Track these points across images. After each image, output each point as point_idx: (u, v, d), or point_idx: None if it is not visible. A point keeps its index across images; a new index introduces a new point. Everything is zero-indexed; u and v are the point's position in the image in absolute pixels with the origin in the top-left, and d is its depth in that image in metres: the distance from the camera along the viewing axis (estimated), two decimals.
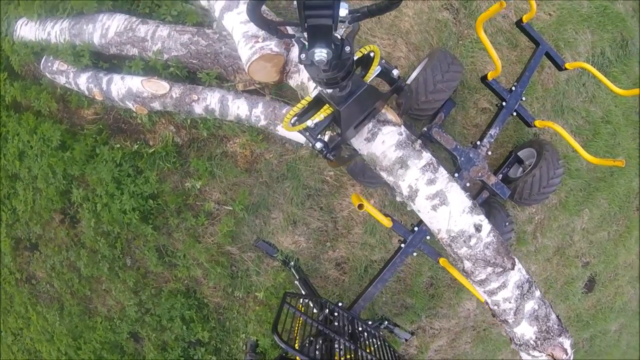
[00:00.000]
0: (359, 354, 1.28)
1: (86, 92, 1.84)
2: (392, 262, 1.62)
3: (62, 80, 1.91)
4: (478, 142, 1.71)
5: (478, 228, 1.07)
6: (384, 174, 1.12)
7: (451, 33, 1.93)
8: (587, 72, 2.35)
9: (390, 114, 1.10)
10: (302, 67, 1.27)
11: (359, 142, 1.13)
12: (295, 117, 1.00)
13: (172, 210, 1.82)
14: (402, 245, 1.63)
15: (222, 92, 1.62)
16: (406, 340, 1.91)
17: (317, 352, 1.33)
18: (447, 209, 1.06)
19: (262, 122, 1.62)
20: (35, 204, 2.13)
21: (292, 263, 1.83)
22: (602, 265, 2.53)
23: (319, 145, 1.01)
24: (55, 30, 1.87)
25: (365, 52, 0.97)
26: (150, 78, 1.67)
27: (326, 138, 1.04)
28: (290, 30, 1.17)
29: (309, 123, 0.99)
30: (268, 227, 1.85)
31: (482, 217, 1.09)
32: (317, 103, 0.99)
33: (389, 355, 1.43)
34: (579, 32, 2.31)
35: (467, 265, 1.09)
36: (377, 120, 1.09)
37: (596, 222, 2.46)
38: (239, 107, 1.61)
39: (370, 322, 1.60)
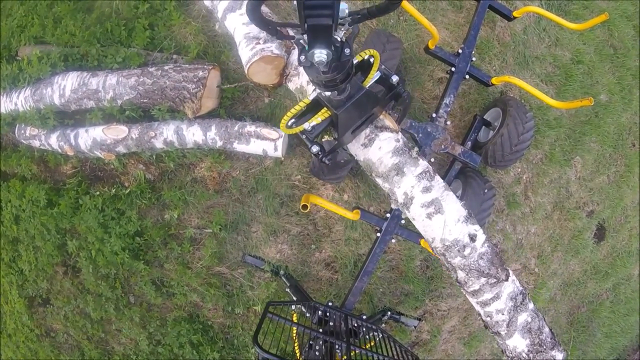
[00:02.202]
0: (355, 351, 1.31)
1: (59, 150, 2.03)
2: (372, 253, 1.70)
3: (37, 143, 2.11)
4: (434, 115, 1.75)
5: (472, 238, 1.09)
6: (379, 181, 1.15)
7: None
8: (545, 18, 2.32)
9: (388, 121, 1.14)
10: (301, 70, 1.32)
11: (355, 148, 1.16)
12: (293, 120, 1.03)
13: (158, 243, 1.98)
14: (379, 234, 1.70)
15: (175, 123, 1.77)
16: (415, 327, 1.97)
17: (317, 354, 1.41)
18: (442, 218, 1.08)
19: (219, 143, 1.75)
20: (38, 262, 2.36)
21: (282, 272, 1.94)
22: (609, 210, 2.50)
23: (314, 148, 1.04)
24: (20, 100, 2.08)
25: (365, 57, 0.99)
26: (110, 125, 1.84)
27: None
28: (290, 32, 1.23)
29: (306, 126, 1.01)
30: (251, 241, 1.98)
31: (477, 227, 1.11)
32: (315, 106, 1.02)
33: (391, 346, 1.45)
34: None
35: (461, 275, 1.11)
36: (375, 126, 1.12)
37: (591, 167, 2.43)
38: (194, 134, 1.75)
39: (364, 317, 1.65)
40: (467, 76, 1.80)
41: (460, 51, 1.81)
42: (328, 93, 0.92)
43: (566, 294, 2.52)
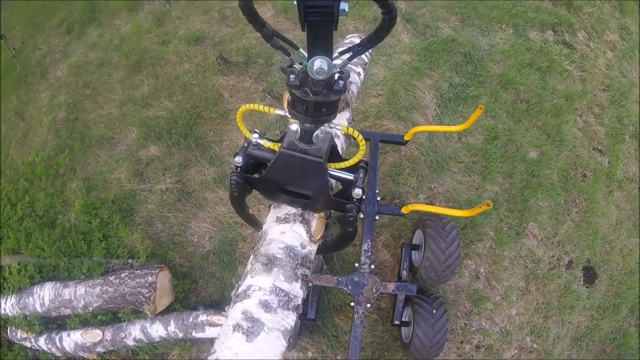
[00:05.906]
0: None
1: (49, 352, 2.45)
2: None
3: (28, 344, 2.55)
4: (357, 264, 1.91)
5: None
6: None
7: None
8: (447, 114, 2.46)
9: (317, 222, 1.02)
10: None
11: (271, 219, 1.07)
12: (257, 134, 1.00)
13: None
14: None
15: (140, 322, 2.17)
16: None
17: None
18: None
19: (180, 335, 2.12)
20: None
21: None
22: (588, 250, 2.44)
23: (238, 159, 0.99)
24: (8, 306, 2.55)
25: (351, 132, 0.94)
26: (87, 330, 2.26)
27: None
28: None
29: (254, 136, 0.99)
30: None
31: None
32: (278, 139, 1.01)
33: None
34: (414, 89, 2.46)
35: None
36: (302, 215, 1.02)
37: (550, 224, 2.40)
38: (157, 330, 2.14)
39: None
40: (377, 217, 1.96)
41: (363, 196, 2.04)
42: (295, 127, 0.90)
43: (582, 347, 2.37)
